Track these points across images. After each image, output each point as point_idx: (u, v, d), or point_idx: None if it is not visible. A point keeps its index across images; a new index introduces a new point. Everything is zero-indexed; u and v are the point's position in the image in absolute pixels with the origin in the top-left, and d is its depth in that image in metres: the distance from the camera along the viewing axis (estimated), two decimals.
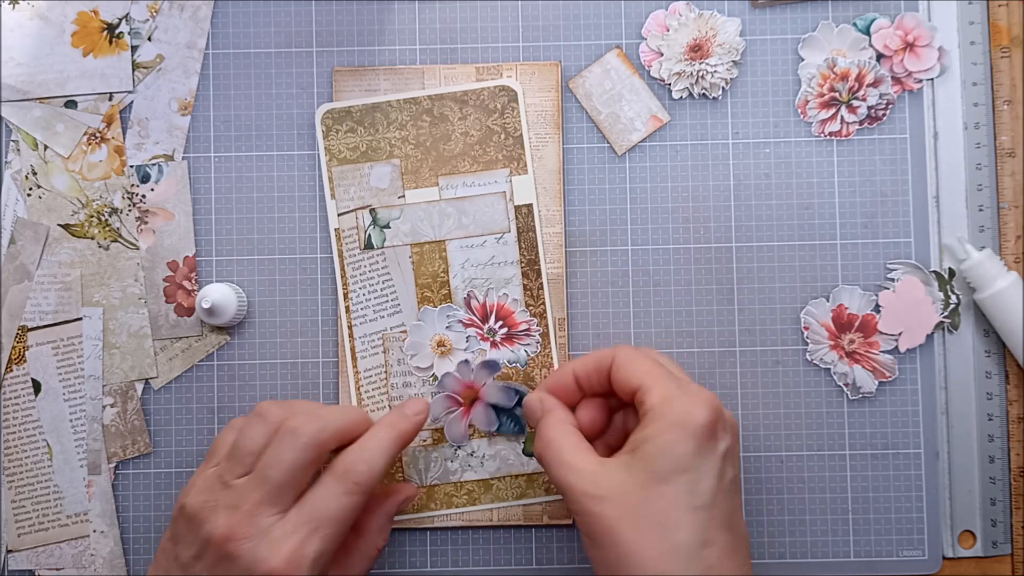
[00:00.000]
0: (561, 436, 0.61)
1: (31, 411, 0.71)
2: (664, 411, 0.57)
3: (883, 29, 0.72)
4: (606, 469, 0.58)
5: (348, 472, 0.60)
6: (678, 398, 0.58)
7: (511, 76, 0.72)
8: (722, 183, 0.72)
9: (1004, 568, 0.71)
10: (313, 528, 0.59)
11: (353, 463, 0.61)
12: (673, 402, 0.58)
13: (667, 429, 0.57)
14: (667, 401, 0.58)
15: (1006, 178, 0.72)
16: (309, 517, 0.59)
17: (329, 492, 0.60)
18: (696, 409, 0.57)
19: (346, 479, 0.60)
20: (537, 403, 0.64)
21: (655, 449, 0.56)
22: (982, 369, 0.71)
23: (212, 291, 0.69)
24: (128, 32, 0.72)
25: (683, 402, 0.58)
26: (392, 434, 0.63)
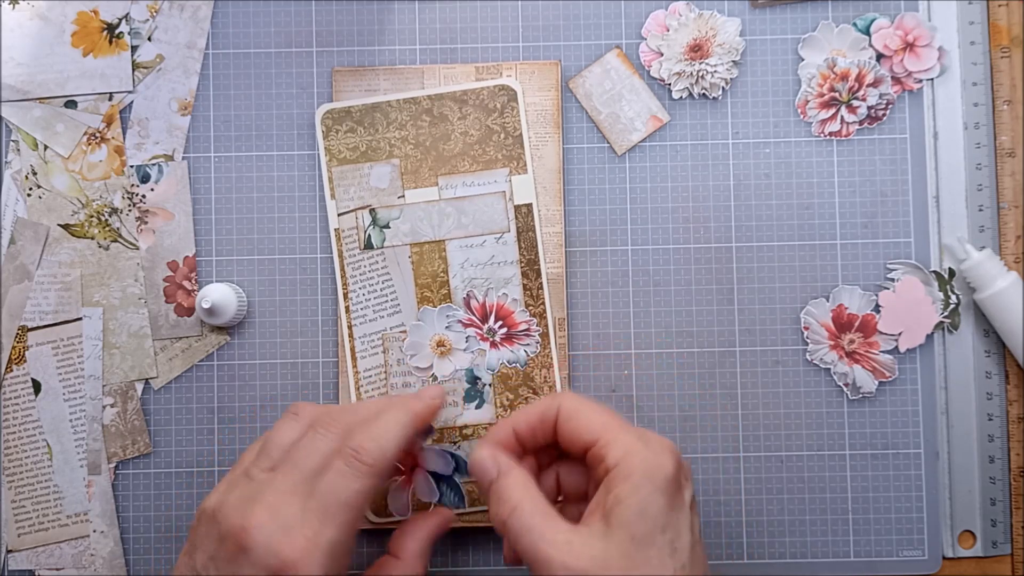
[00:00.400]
0: (528, 501, 0.56)
1: (31, 411, 0.71)
2: (632, 467, 0.54)
3: (883, 29, 0.72)
4: (582, 538, 0.54)
5: (359, 453, 0.57)
6: (642, 451, 0.55)
7: (511, 76, 0.72)
8: (722, 183, 0.72)
9: (1004, 568, 0.71)
10: (326, 515, 0.55)
11: (363, 444, 0.57)
12: (638, 456, 0.55)
13: (639, 487, 0.54)
14: (632, 455, 0.55)
15: (1006, 178, 0.72)
16: (321, 504, 0.56)
17: (340, 477, 0.56)
18: (662, 460, 0.55)
19: (356, 462, 0.57)
20: (490, 462, 0.58)
21: (631, 512, 0.53)
22: (982, 369, 0.71)
23: (212, 291, 0.69)
24: (128, 32, 0.72)
25: (648, 455, 0.55)
26: (405, 415, 0.60)
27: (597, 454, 0.56)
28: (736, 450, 0.71)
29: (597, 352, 0.72)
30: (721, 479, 0.71)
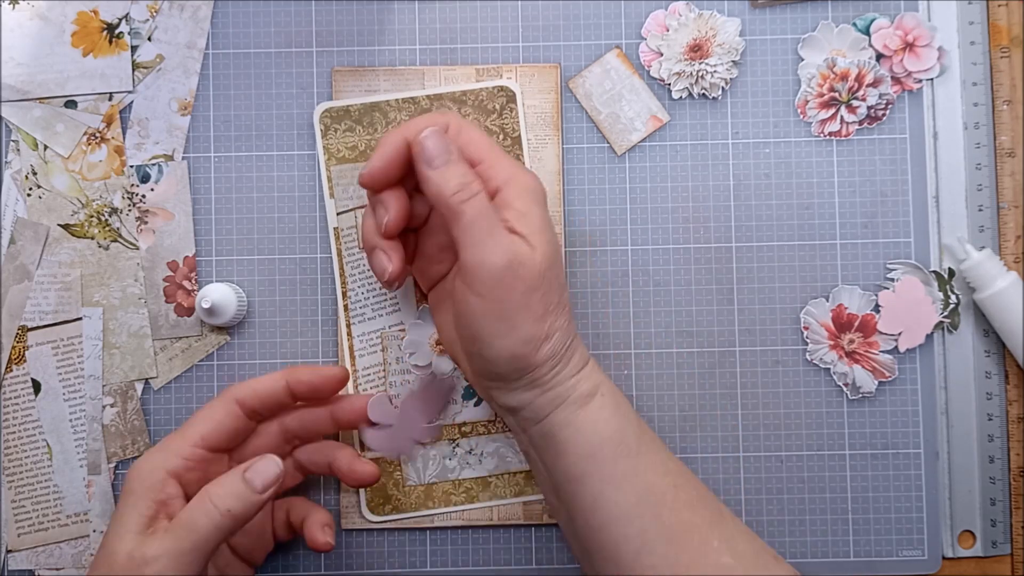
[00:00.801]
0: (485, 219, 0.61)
1: (31, 411, 0.71)
2: (521, 187, 0.61)
3: (883, 29, 0.72)
4: (517, 240, 0.60)
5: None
6: (523, 174, 0.62)
7: (511, 78, 0.72)
8: (722, 183, 0.72)
9: (1004, 568, 0.71)
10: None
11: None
12: (523, 178, 0.61)
13: (534, 199, 0.61)
14: (517, 177, 0.61)
15: (1006, 178, 0.72)
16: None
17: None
18: (537, 181, 0.63)
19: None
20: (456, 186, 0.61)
21: (544, 223, 0.61)
22: (982, 369, 0.71)
23: (212, 291, 0.69)
24: (128, 32, 0.72)
25: (527, 174, 0.62)
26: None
27: (483, 173, 0.61)
28: (736, 450, 0.71)
29: (597, 352, 0.71)
30: (721, 479, 0.71)
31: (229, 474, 0.60)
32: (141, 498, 0.60)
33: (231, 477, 0.60)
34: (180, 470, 0.61)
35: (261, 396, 0.64)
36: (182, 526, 0.58)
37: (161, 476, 0.60)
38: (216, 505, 0.58)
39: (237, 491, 0.59)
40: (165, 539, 0.58)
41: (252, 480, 0.60)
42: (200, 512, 0.58)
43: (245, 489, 0.60)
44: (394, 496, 0.71)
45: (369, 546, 0.71)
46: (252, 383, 0.65)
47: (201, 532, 0.58)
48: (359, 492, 0.71)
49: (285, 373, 0.65)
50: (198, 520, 0.58)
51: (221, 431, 0.63)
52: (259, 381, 0.65)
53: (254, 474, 0.60)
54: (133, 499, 0.60)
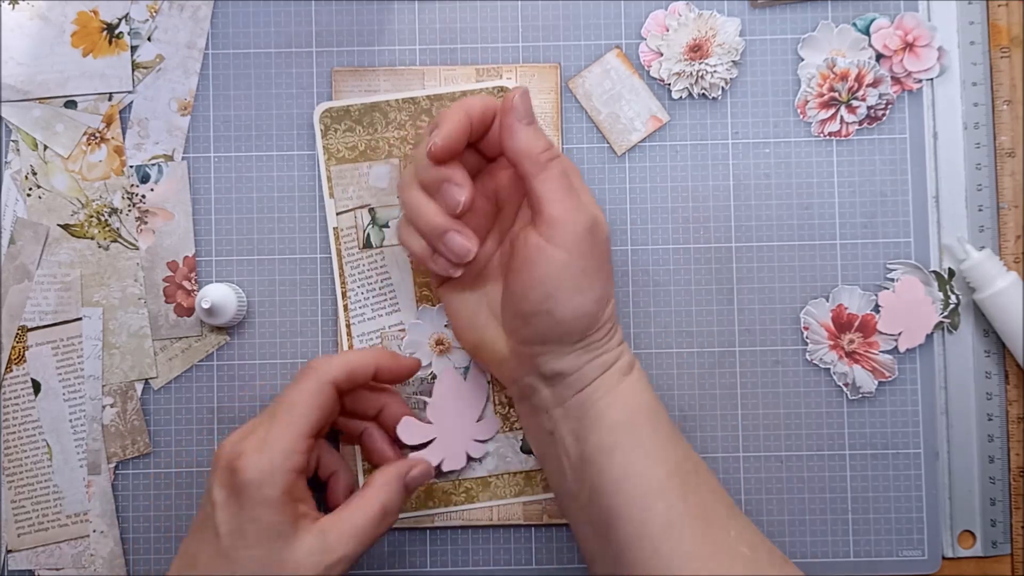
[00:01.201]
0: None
1: (31, 411, 0.71)
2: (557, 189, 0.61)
3: (883, 29, 0.72)
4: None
5: (311, 362, 0.63)
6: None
7: (511, 78, 0.72)
8: (722, 183, 0.72)
9: (1004, 568, 0.71)
10: (272, 417, 0.61)
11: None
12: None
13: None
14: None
15: (1006, 178, 0.72)
16: (272, 411, 0.62)
17: (290, 386, 0.63)
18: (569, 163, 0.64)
19: (307, 368, 0.63)
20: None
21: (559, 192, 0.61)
22: (982, 369, 0.71)
23: (212, 291, 0.69)
24: (128, 32, 0.72)
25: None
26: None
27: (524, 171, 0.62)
28: (736, 450, 0.71)
29: None
30: (721, 479, 0.71)
31: (393, 481, 0.63)
32: (282, 504, 0.59)
33: (396, 486, 0.63)
34: (301, 465, 0.60)
35: (354, 378, 0.64)
36: (359, 531, 0.60)
37: (291, 478, 0.59)
38: (389, 521, 0.63)
39: (401, 501, 0.64)
40: (348, 544, 0.60)
41: (410, 486, 0.64)
42: (377, 524, 0.61)
43: (405, 496, 0.64)
44: None
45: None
46: (345, 362, 0.63)
47: (374, 540, 0.62)
48: None
49: (375, 354, 0.65)
50: (374, 532, 0.61)
51: (325, 418, 0.62)
52: (352, 360, 0.64)
53: (412, 481, 0.64)
54: (270, 508, 0.58)
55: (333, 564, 0.58)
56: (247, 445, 0.59)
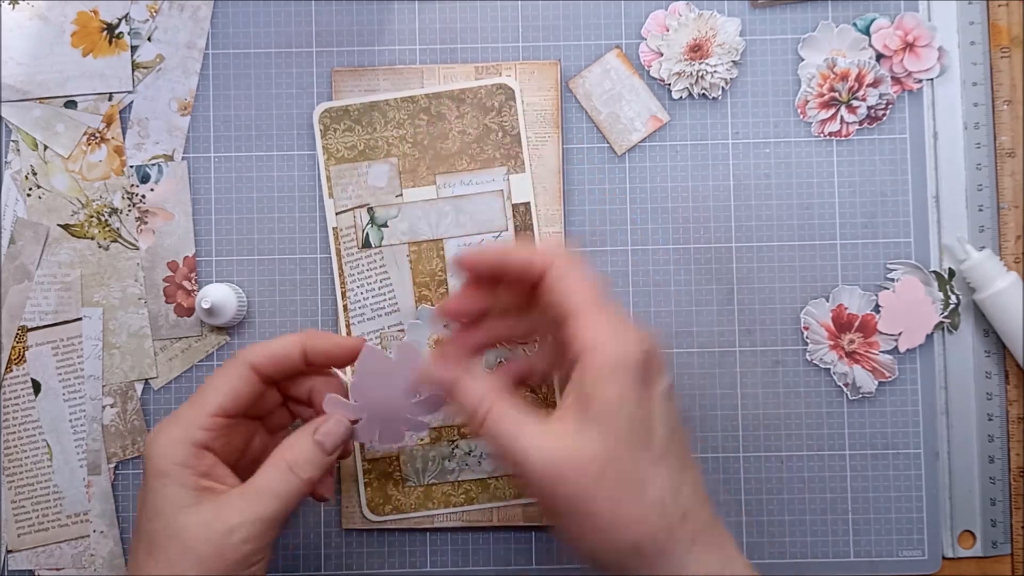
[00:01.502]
0: (499, 406, 0.56)
1: (31, 411, 0.71)
2: (601, 361, 0.54)
3: (883, 29, 0.72)
4: (559, 437, 0.54)
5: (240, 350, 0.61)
6: (611, 342, 0.54)
7: (510, 75, 0.72)
8: (722, 183, 0.72)
9: (1004, 568, 0.71)
10: (192, 400, 0.60)
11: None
12: (606, 348, 0.54)
13: (609, 382, 0.53)
14: (601, 346, 0.54)
15: (1006, 178, 0.72)
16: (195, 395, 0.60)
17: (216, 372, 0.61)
18: (629, 351, 0.54)
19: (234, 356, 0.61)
20: (443, 373, 0.59)
21: (603, 407, 0.53)
22: (982, 369, 0.71)
23: (212, 291, 0.69)
24: (128, 32, 0.72)
25: (617, 347, 0.54)
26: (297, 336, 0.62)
27: (569, 333, 0.55)
28: (736, 450, 0.71)
29: None
30: (721, 479, 0.71)
31: (300, 437, 0.60)
32: (179, 474, 0.58)
33: (303, 441, 0.60)
34: (205, 441, 0.59)
35: (276, 362, 0.61)
36: (263, 493, 0.58)
37: (190, 450, 0.58)
38: (298, 473, 0.59)
39: (312, 456, 0.60)
40: (246, 507, 0.57)
41: (323, 443, 0.60)
42: (280, 480, 0.58)
43: (318, 452, 0.60)
44: (394, 496, 0.71)
45: (369, 546, 0.71)
46: (267, 347, 0.61)
47: (283, 499, 0.58)
48: (359, 492, 0.71)
49: (302, 337, 0.62)
50: (278, 488, 0.58)
51: (239, 399, 0.60)
52: (274, 345, 0.62)
53: (324, 436, 0.60)
54: (167, 479, 0.57)
55: (232, 528, 0.56)
56: (158, 424, 0.59)
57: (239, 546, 0.56)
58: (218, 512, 0.57)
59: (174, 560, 0.56)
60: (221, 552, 0.56)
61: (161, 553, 0.57)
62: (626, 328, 0.55)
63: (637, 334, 0.55)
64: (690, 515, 0.54)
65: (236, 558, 0.56)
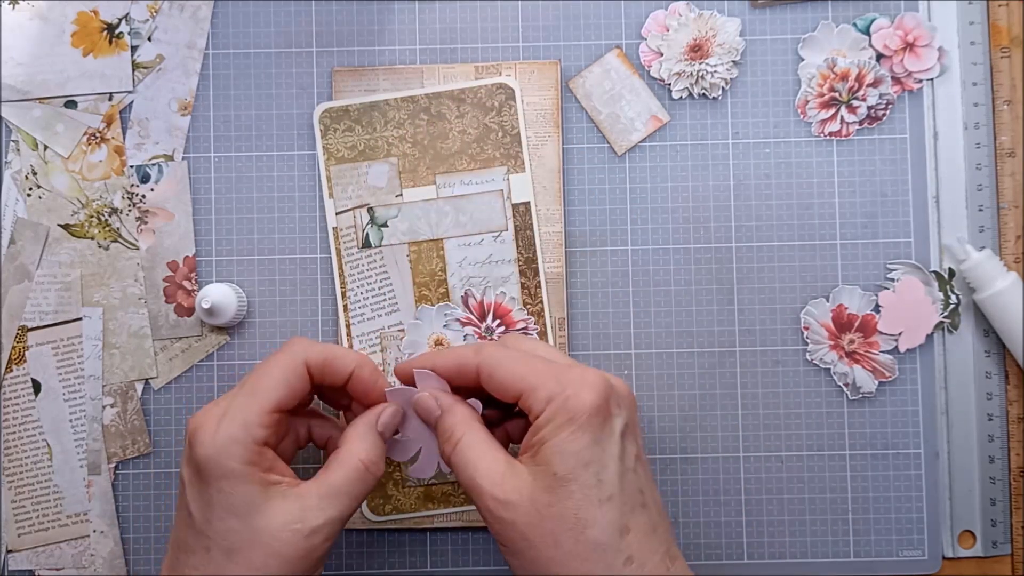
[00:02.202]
0: (469, 435, 0.58)
1: (31, 411, 0.71)
2: (552, 411, 0.55)
3: (883, 29, 0.71)
4: (514, 472, 0.56)
5: (290, 341, 0.62)
6: (561, 394, 0.56)
7: (510, 74, 0.72)
8: (722, 183, 0.72)
9: (1004, 568, 0.71)
10: (239, 392, 0.59)
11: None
12: (557, 400, 0.55)
13: (560, 427, 0.55)
14: (552, 402, 0.56)
15: (1006, 178, 0.72)
16: (241, 388, 0.60)
17: (263, 364, 0.60)
18: (581, 397, 0.55)
19: (286, 346, 0.61)
20: (431, 401, 0.61)
21: (551, 451, 0.55)
22: (982, 369, 0.71)
23: (212, 291, 0.69)
24: (128, 32, 0.72)
25: (568, 396, 0.55)
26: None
27: (526, 405, 0.57)
28: (736, 450, 0.71)
29: (597, 352, 0.71)
30: (721, 479, 0.71)
31: (368, 435, 0.60)
32: (247, 473, 0.57)
33: (373, 439, 0.60)
34: (266, 438, 0.58)
35: (329, 369, 0.61)
36: (341, 494, 0.58)
37: (253, 449, 0.57)
38: (373, 472, 0.59)
39: (381, 452, 0.60)
40: (327, 507, 0.57)
41: (384, 433, 0.61)
42: (358, 481, 0.59)
43: (383, 445, 0.61)
44: (394, 496, 0.71)
45: (369, 546, 0.71)
46: (325, 348, 0.61)
47: (359, 498, 0.59)
48: None
49: (358, 359, 0.62)
50: (356, 490, 0.59)
51: (293, 395, 0.60)
52: (333, 350, 0.61)
53: (384, 428, 0.61)
54: (235, 479, 0.57)
55: (315, 530, 0.57)
56: (206, 418, 0.58)
57: (322, 545, 0.57)
58: (301, 513, 0.57)
59: (257, 562, 0.56)
60: (306, 553, 0.57)
61: (243, 557, 0.56)
62: (577, 372, 0.57)
63: (590, 377, 0.56)
64: (637, 558, 0.54)
65: (318, 556, 0.58)
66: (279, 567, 0.56)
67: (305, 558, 0.57)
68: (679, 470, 0.71)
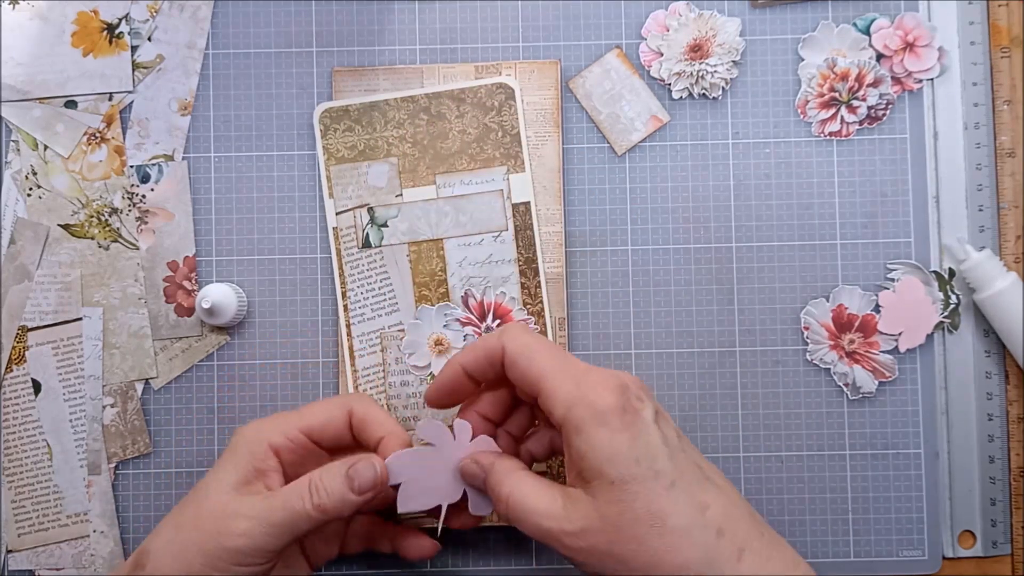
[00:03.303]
0: (517, 487, 0.57)
1: (31, 411, 0.71)
2: (576, 419, 0.55)
3: (883, 29, 0.72)
4: (572, 499, 0.55)
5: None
6: (580, 399, 0.55)
7: (510, 74, 0.72)
8: (722, 183, 0.72)
9: (1004, 568, 0.71)
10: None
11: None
12: (578, 406, 0.55)
13: (591, 436, 0.54)
14: (573, 407, 0.55)
15: (1006, 178, 0.72)
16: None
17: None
18: (601, 398, 0.55)
19: None
20: (474, 467, 0.61)
21: (597, 462, 0.54)
22: (982, 369, 0.71)
23: (212, 291, 0.69)
24: (128, 32, 0.72)
25: (588, 400, 0.55)
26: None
27: (544, 406, 0.57)
28: (736, 450, 0.71)
29: (597, 352, 0.71)
30: None
31: (336, 466, 0.61)
32: (242, 459, 0.61)
33: (336, 471, 0.61)
34: (281, 448, 0.62)
35: (361, 429, 0.63)
36: (278, 501, 0.59)
37: (264, 447, 0.61)
38: (314, 495, 0.60)
39: (336, 489, 0.60)
40: (258, 505, 0.59)
41: (353, 479, 0.60)
42: (297, 496, 0.59)
43: (344, 488, 0.60)
44: None
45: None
46: (369, 411, 0.63)
47: (293, 514, 0.59)
48: None
49: (390, 431, 0.63)
50: (294, 503, 0.59)
51: (326, 429, 0.63)
52: (376, 415, 0.63)
53: (355, 473, 0.60)
54: (236, 459, 0.61)
55: (236, 517, 0.59)
56: (256, 421, 0.64)
57: (236, 537, 0.58)
58: (236, 498, 0.60)
59: (183, 522, 0.60)
60: (220, 531, 0.59)
61: (181, 509, 0.61)
62: (594, 375, 0.57)
63: (605, 377, 0.56)
64: (727, 529, 0.54)
65: (229, 546, 0.58)
66: (195, 534, 0.60)
67: (217, 535, 0.59)
68: None
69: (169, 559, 0.59)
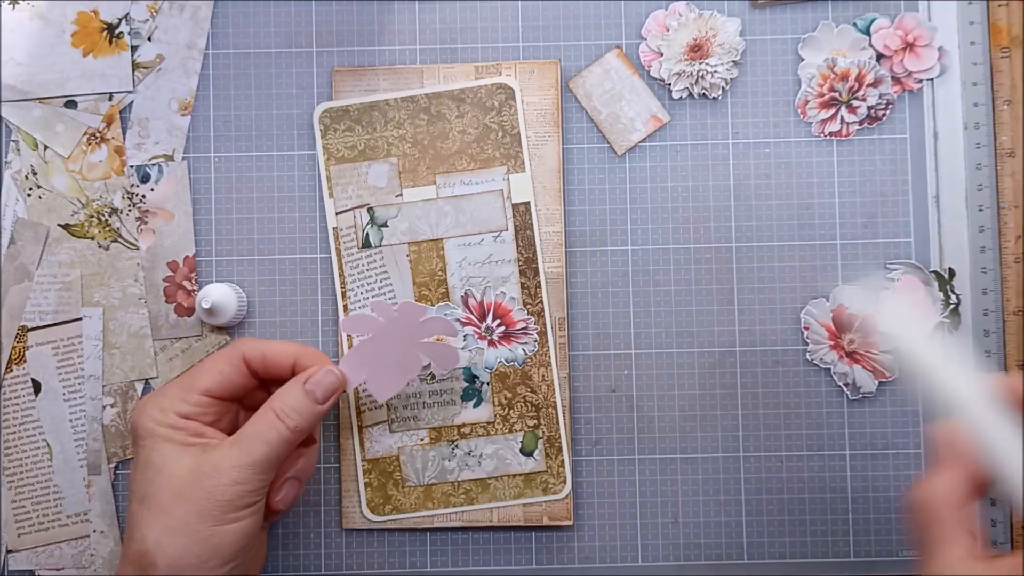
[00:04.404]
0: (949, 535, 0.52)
1: (31, 411, 0.71)
2: None
3: (883, 29, 0.72)
4: None
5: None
6: None
7: (510, 74, 0.72)
8: (722, 183, 0.72)
9: None
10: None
11: None
12: None
13: None
14: None
15: (1006, 178, 0.72)
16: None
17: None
18: None
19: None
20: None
21: None
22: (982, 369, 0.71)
23: (212, 291, 0.69)
24: (128, 32, 0.72)
25: None
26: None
27: None
28: (736, 450, 0.71)
29: (597, 352, 0.71)
30: (721, 479, 0.71)
31: (290, 387, 0.63)
32: (168, 434, 0.61)
33: (293, 390, 0.63)
34: (190, 414, 0.62)
35: (268, 363, 0.64)
36: (251, 439, 0.61)
37: (176, 419, 0.62)
38: (284, 421, 0.61)
39: (300, 405, 0.62)
40: (232, 451, 0.60)
41: (313, 392, 0.63)
42: (268, 426, 0.61)
43: (307, 402, 0.62)
44: (394, 496, 0.71)
45: (369, 546, 0.71)
46: (264, 346, 0.64)
47: (271, 445, 0.61)
48: (359, 492, 0.71)
49: (297, 350, 0.65)
50: (266, 434, 0.61)
51: (225, 385, 0.63)
52: (272, 347, 0.64)
53: (314, 386, 0.63)
54: (157, 439, 0.61)
55: (220, 471, 0.59)
56: (147, 395, 0.66)
57: (228, 487, 0.59)
58: (208, 458, 0.60)
59: (166, 505, 0.59)
60: (211, 493, 0.59)
61: (153, 500, 0.60)
62: None
63: None
64: None
65: (226, 499, 0.59)
66: (185, 510, 0.59)
67: (210, 498, 0.59)
68: (679, 470, 0.71)
69: (174, 541, 0.59)
